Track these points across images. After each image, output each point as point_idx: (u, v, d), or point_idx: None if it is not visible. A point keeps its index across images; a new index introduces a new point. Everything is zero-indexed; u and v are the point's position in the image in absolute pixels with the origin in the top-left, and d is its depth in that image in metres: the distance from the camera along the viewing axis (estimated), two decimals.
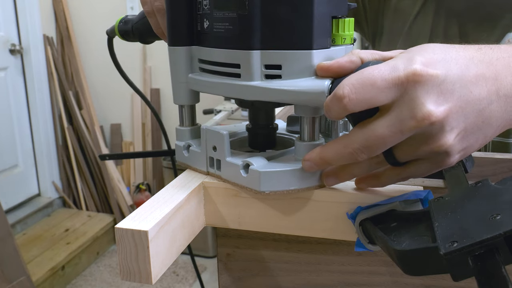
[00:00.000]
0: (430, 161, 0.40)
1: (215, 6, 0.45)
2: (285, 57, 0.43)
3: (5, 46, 2.72)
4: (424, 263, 0.35)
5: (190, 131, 0.54)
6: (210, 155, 0.49)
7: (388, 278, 0.50)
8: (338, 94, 0.38)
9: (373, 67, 0.38)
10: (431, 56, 0.38)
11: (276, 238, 0.52)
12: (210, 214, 0.49)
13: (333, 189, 0.45)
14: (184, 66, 0.50)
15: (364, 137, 0.39)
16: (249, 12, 0.42)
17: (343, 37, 0.44)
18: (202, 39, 0.48)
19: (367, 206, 0.43)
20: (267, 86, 0.43)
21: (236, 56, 0.45)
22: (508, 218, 0.31)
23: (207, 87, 0.49)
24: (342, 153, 0.41)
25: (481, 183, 0.39)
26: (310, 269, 0.52)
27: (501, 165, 0.60)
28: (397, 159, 0.41)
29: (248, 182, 0.46)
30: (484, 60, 0.39)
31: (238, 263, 0.54)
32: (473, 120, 0.38)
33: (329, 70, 0.42)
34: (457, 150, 0.39)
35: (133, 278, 0.39)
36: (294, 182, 0.45)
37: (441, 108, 0.36)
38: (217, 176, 0.49)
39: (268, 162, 0.47)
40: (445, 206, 0.38)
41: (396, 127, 0.37)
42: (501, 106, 0.38)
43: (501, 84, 0.38)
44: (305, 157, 0.44)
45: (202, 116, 2.46)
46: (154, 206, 0.42)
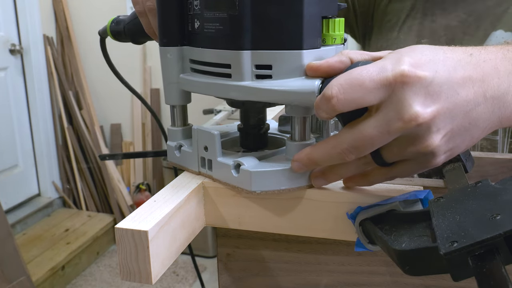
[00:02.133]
0: (416, 162, 0.41)
1: (205, 6, 0.45)
2: (276, 57, 0.43)
3: (5, 46, 2.72)
4: (424, 263, 0.35)
5: (181, 131, 0.54)
6: (202, 155, 0.49)
7: (388, 278, 0.50)
8: (327, 95, 0.38)
9: (362, 68, 0.38)
10: (419, 58, 0.38)
11: (276, 238, 0.52)
12: (210, 214, 0.49)
13: (333, 189, 0.45)
14: (175, 67, 0.50)
15: (353, 137, 0.39)
16: (239, 12, 0.42)
17: (333, 37, 0.44)
18: (193, 39, 0.48)
19: (367, 206, 0.43)
20: (257, 86, 0.43)
21: (226, 56, 0.44)
22: (508, 218, 0.31)
23: (198, 88, 0.49)
24: (330, 154, 0.41)
25: (481, 183, 0.39)
26: (310, 269, 0.52)
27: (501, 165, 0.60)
28: (385, 160, 0.41)
29: (239, 182, 0.46)
30: (472, 62, 0.39)
31: (238, 263, 0.54)
32: (460, 121, 0.38)
33: (318, 70, 0.42)
34: (443, 151, 0.39)
35: (133, 278, 0.39)
36: (285, 182, 0.45)
37: (428, 110, 0.36)
38: (209, 176, 0.49)
39: (259, 162, 0.47)
40: (445, 206, 0.38)
41: (384, 127, 0.37)
42: (488, 108, 0.38)
43: (488, 86, 0.38)
44: (294, 158, 0.44)
45: (202, 116, 2.45)
46: (154, 206, 0.42)
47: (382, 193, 0.44)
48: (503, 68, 0.39)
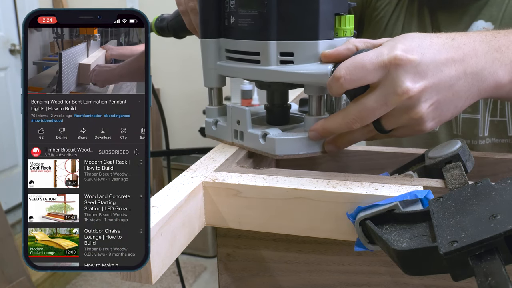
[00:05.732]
0: (409, 127, 0.50)
1: (240, 5, 0.55)
2: (296, 46, 0.53)
3: (5, 46, 2.72)
4: (424, 263, 0.35)
5: (217, 110, 0.64)
6: (235, 128, 0.60)
7: (388, 278, 0.50)
8: (336, 75, 0.47)
9: (364, 53, 0.47)
10: (409, 43, 0.46)
11: (276, 238, 0.52)
12: (210, 214, 0.49)
13: (333, 189, 0.45)
14: (213, 55, 0.61)
15: (358, 109, 0.48)
16: (268, 10, 0.52)
17: (344, 30, 0.54)
18: (229, 32, 0.58)
19: (367, 206, 0.43)
20: (282, 70, 0.54)
21: (256, 45, 0.55)
22: (508, 218, 0.31)
23: (233, 72, 0.59)
24: (340, 123, 0.50)
25: (481, 183, 0.39)
26: (310, 269, 0.52)
27: (501, 165, 0.60)
28: (384, 127, 0.50)
29: (265, 148, 0.55)
30: (453, 45, 0.48)
31: (238, 263, 0.54)
32: (445, 94, 0.47)
33: (331, 57, 0.51)
34: (431, 118, 0.48)
35: (133, 278, 0.39)
36: (303, 148, 0.54)
37: (417, 85, 0.45)
38: (240, 145, 0.59)
39: (282, 132, 0.56)
40: (445, 206, 0.38)
41: (382, 101, 0.46)
42: (468, 82, 0.48)
43: (468, 64, 0.48)
44: (311, 128, 0.53)
45: (202, 116, 2.46)
46: (154, 207, 0.42)
47: (382, 193, 0.44)
48: (480, 49, 0.49)
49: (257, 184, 0.47)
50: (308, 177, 0.48)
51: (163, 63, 2.93)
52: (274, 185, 0.46)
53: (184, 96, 3.06)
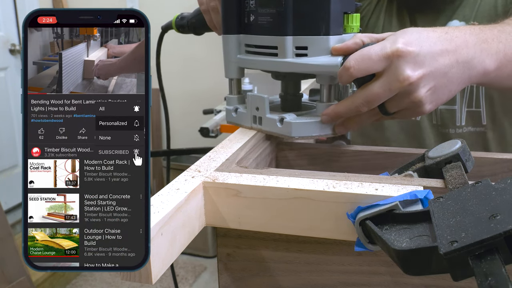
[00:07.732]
0: (410, 110, 0.57)
1: (259, 4, 0.62)
2: (310, 41, 0.60)
3: (5, 46, 2.72)
4: (424, 263, 0.35)
5: (237, 98, 0.72)
6: (254, 114, 0.67)
7: (388, 278, 0.50)
8: (346, 66, 0.55)
9: (370, 47, 0.54)
10: (409, 37, 0.54)
11: (276, 238, 0.52)
12: (210, 214, 0.49)
13: (333, 190, 0.45)
14: (234, 49, 0.68)
15: (365, 94, 0.55)
16: (285, 9, 0.59)
17: (351, 27, 0.61)
18: (249, 29, 0.66)
19: (367, 206, 0.43)
20: (297, 62, 0.61)
21: (274, 40, 0.62)
22: (508, 218, 0.31)
23: (252, 64, 0.67)
24: (349, 107, 0.58)
25: (481, 183, 0.39)
26: (310, 269, 0.52)
27: (501, 165, 0.60)
28: (388, 110, 0.57)
29: (282, 131, 0.63)
30: (447, 38, 0.55)
31: (238, 263, 0.54)
32: (440, 80, 0.55)
33: (340, 50, 0.58)
34: (429, 101, 0.56)
35: (133, 278, 0.39)
36: (316, 130, 0.62)
37: (416, 73, 0.53)
38: (258, 129, 0.67)
39: (297, 116, 0.63)
40: (445, 206, 0.38)
41: (386, 87, 0.54)
42: (460, 69, 0.55)
43: (460, 54, 0.55)
44: (323, 112, 0.61)
45: (202, 116, 2.45)
46: (154, 206, 0.42)
47: (382, 193, 0.44)
48: (471, 41, 0.56)
49: (257, 184, 0.47)
50: (308, 177, 0.48)
51: (163, 62, 2.92)
52: (274, 185, 0.46)
53: (184, 96, 3.06)
